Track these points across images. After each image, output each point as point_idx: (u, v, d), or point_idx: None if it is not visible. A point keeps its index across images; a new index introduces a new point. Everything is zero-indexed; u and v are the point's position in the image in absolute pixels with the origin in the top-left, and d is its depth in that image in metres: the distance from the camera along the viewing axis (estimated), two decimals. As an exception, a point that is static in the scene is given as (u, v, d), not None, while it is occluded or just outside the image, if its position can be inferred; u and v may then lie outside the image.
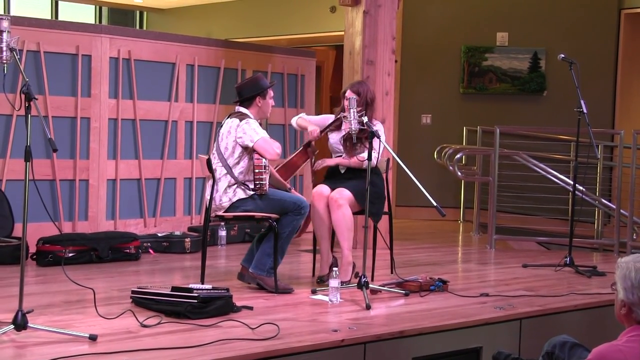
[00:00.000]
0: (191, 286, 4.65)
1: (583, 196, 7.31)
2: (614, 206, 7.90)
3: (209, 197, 5.35)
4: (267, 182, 5.30)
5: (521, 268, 6.62)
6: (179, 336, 4.12)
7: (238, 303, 4.74)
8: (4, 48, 3.96)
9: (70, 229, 6.88)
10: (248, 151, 5.29)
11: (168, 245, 7.01)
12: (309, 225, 5.80)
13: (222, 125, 5.43)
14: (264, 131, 5.33)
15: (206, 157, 5.43)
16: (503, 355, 3.65)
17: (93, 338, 3.94)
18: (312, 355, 4.02)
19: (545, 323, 5.00)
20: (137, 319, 4.37)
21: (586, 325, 5.21)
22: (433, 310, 4.93)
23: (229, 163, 5.31)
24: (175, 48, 7.60)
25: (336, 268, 5.16)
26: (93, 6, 14.28)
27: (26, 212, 4.00)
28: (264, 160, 5.23)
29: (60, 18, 13.65)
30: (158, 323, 4.34)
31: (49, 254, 6.16)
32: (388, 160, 6.04)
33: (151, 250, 6.93)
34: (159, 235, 7.10)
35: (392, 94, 7.53)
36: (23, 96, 3.96)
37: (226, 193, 5.31)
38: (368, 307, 4.86)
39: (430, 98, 10.28)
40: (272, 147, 5.24)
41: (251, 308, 4.76)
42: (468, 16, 10.19)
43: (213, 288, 4.70)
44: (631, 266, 2.90)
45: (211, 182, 5.37)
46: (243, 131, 5.26)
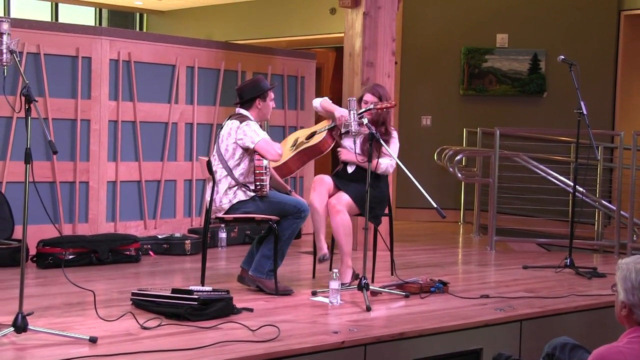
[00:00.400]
0: (191, 288, 4.66)
1: (583, 197, 7.31)
2: (614, 207, 7.91)
3: (209, 199, 5.35)
4: (268, 184, 5.31)
5: (521, 269, 6.61)
6: (179, 338, 4.12)
7: (238, 305, 4.74)
8: (4, 50, 3.97)
9: (70, 231, 6.88)
10: (249, 153, 5.29)
11: (168, 247, 7.01)
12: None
13: (223, 127, 5.43)
14: (265, 133, 5.33)
15: (206, 159, 5.43)
16: (503, 357, 3.65)
17: (93, 340, 3.94)
18: (313, 357, 4.02)
19: (545, 324, 5.00)
20: (138, 321, 4.36)
21: (586, 326, 5.21)
22: (433, 311, 4.93)
23: (230, 165, 5.31)
24: (175, 50, 7.60)
25: (336, 270, 5.16)
26: (93, 8, 14.29)
27: (26, 214, 4.00)
28: (265, 161, 5.24)
29: (60, 20, 13.67)
30: (158, 325, 4.34)
31: (49, 256, 6.16)
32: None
33: (151, 252, 6.93)
34: (159, 237, 7.10)
35: (392, 96, 7.52)
36: (23, 98, 3.97)
37: (226, 195, 5.31)
38: (368, 309, 4.86)
39: (430, 99, 10.28)
40: (274, 148, 5.25)
41: (251, 310, 4.76)
42: (468, 18, 10.19)
43: (213, 290, 4.70)
44: (631, 267, 2.90)
45: (211, 184, 5.37)
46: (243, 133, 5.26)
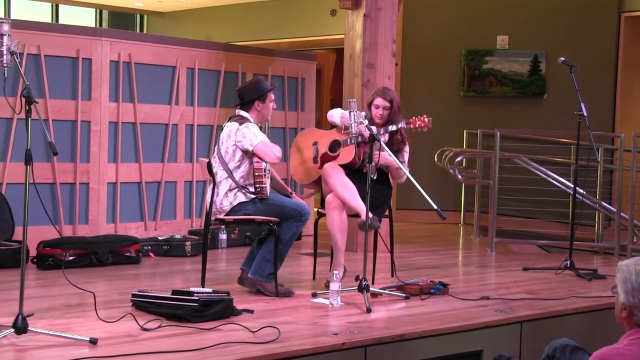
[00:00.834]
0: (192, 289, 4.65)
1: (583, 199, 7.30)
2: (615, 209, 7.91)
3: (210, 201, 5.35)
4: (268, 186, 5.30)
5: (522, 271, 6.61)
6: (180, 340, 4.12)
7: (238, 306, 4.74)
8: (5, 51, 3.97)
9: (70, 233, 6.88)
10: (248, 155, 5.29)
11: (168, 248, 7.01)
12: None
13: (223, 129, 5.42)
14: (264, 135, 5.33)
15: (206, 161, 5.43)
16: (504, 358, 3.65)
17: (93, 342, 3.94)
18: (313, 358, 4.02)
19: (545, 326, 5.00)
20: (138, 323, 4.36)
21: (587, 328, 5.21)
22: (433, 313, 4.93)
23: (230, 167, 5.31)
24: (175, 51, 7.60)
25: (336, 271, 5.15)
26: (93, 9, 14.30)
27: (26, 216, 4.00)
28: (264, 163, 5.23)
29: (60, 21, 13.68)
30: (158, 326, 4.34)
31: (50, 258, 6.16)
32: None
33: (152, 253, 6.93)
34: (160, 238, 7.10)
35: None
36: (23, 99, 3.96)
37: (227, 197, 5.30)
38: (369, 311, 4.85)
39: (430, 101, 10.27)
40: (272, 151, 5.24)
41: (252, 311, 4.75)
42: (468, 19, 10.19)
43: (213, 291, 4.70)
44: (632, 269, 2.90)
45: (212, 186, 5.37)
46: (243, 135, 5.26)
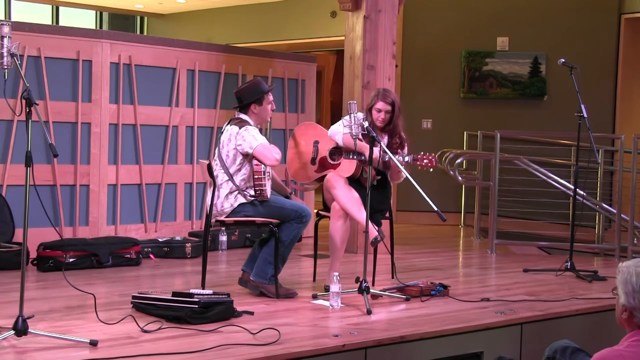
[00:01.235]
0: (192, 291, 4.66)
1: (584, 201, 7.30)
2: (615, 211, 7.90)
3: (210, 203, 5.35)
4: (269, 189, 5.30)
5: (522, 273, 6.61)
6: (180, 341, 4.12)
7: (239, 308, 4.74)
8: (5, 53, 3.97)
9: (70, 234, 6.88)
10: (249, 158, 5.29)
11: (169, 250, 7.01)
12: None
13: (223, 132, 5.42)
14: (263, 137, 5.33)
15: (207, 162, 5.43)
16: (504, 360, 3.65)
17: (94, 343, 3.94)
18: (313, 360, 4.02)
19: (546, 328, 5.00)
20: (138, 325, 4.36)
21: (587, 330, 5.21)
22: (434, 315, 4.93)
23: (231, 171, 5.31)
24: (175, 53, 7.61)
25: (337, 273, 5.15)
26: (94, 11, 14.32)
27: (27, 218, 4.00)
28: (264, 166, 5.23)
29: (60, 23, 13.69)
30: (159, 328, 4.34)
31: (50, 260, 6.16)
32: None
33: (152, 255, 6.93)
34: (160, 240, 7.10)
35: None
36: (24, 101, 3.97)
37: (227, 199, 5.30)
38: (369, 312, 4.85)
39: (430, 103, 10.28)
40: (271, 153, 5.24)
41: (252, 313, 4.75)
42: (468, 21, 10.20)
43: (214, 293, 4.70)
44: (632, 270, 2.90)
45: (212, 188, 5.37)
46: (242, 138, 5.26)
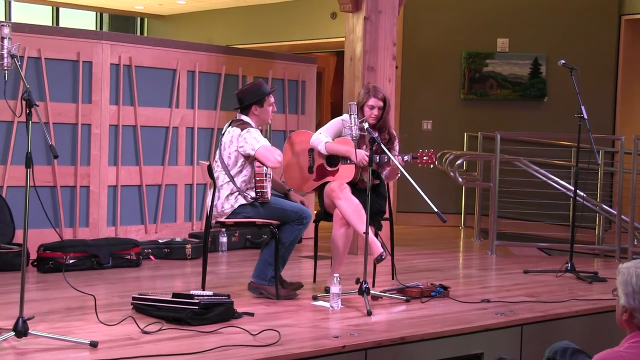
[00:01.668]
0: (192, 292, 4.65)
1: (584, 202, 7.30)
2: (615, 212, 7.90)
3: (210, 204, 5.35)
4: (269, 191, 5.30)
5: (522, 274, 6.61)
6: (180, 343, 4.11)
7: (239, 309, 4.74)
8: (5, 55, 3.97)
9: (71, 236, 6.88)
10: (250, 160, 5.29)
11: (169, 251, 7.01)
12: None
13: (224, 133, 5.42)
14: (265, 139, 5.33)
15: (207, 164, 5.43)
16: (504, 361, 3.65)
17: (94, 345, 3.94)
18: (313, 361, 4.02)
19: (546, 329, 5.00)
20: (138, 326, 4.36)
21: (587, 331, 5.20)
22: (434, 316, 4.92)
23: (232, 172, 5.31)
24: (176, 54, 7.61)
25: (337, 274, 5.15)
26: (94, 13, 14.31)
27: (27, 219, 4.00)
28: (265, 168, 5.23)
29: (61, 24, 13.69)
30: (159, 329, 4.34)
31: (50, 261, 6.16)
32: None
33: (152, 256, 6.93)
34: (160, 241, 7.10)
35: (393, 100, 7.54)
36: (24, 103, 3.97)
37: (228, 200, 5.30)
38: (369, 313, 4.85)
39: (431, 104, 10.28)
40: (273, 155, 5.24)
41: (252, 314, 4.75)
42: (468, 22, 10.20)
43: (214, 294, 4.70)
44: (632, 272, 2.90)
45: (212, 189, 5.37)
46: (244, 140, 5.26)
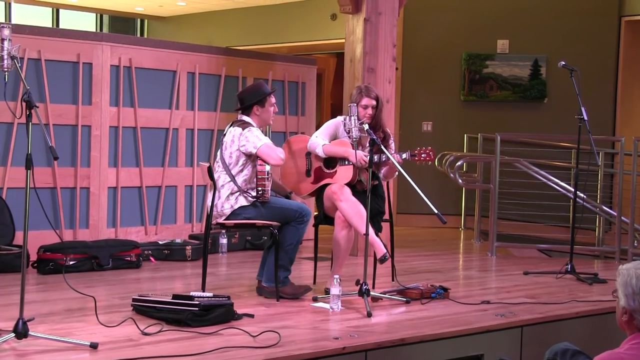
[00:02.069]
0: (192, 294, 4.65)
1: (584, 203, 7.31)
2: (615, 213, 7.90)
3: (210, 205, 5.35)
4: (270, 190, 5.31)
5: (522, 275, 6.61)
6: (180, 344, 4.11)
7: (239, 311, 4.74)
8: (5, 56, 3.97)
9: (71, 237, 6.88)
10: (252, 159, 5.30)
11: (169, 253, 7.01)
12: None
13: (225, 134, 5.43)
14: (267, 138, 5.34)
15: (207, 165, 5.43)
16: (504, 362, 3.65)
17: (94, 346, 3.94)
18: (313, 363, 4.02)
19: (546, 330, 5.00)
20: (138, 327, 4.36)
21: (588, 332, 5.20)
22: (434, 317, 4.92)
23: (233, 172, 5.31)
24: (176, 56, 7.61)
25: (337, 276, 5.15)
26: (94, 14, 14.31)
27: (27, 220, 4.00)
28: (267, 167, 5.24)
29: (61, 26, 13.69)
30: (159, 331, 4.34)
31: (50, 262, 6.16)
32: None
33: (152, 258, 6.93)
34: (160, 243, 7.10)
35: (393, 102, 7.53)
36: (24, 104, 3.97)
37: (228, 200, 5.31)
38: (369, 315, 4.85)
39: (431, 105, 10.29)
40: (276, 153, 5.26)
41: (252, 316, 4.75)
42: (469, 23, 10.20)
43: (214, 296, 4.70)
44: (632, 273, 2.90)
45: (212, 190, 5.37)
46: (246, 139, 5.27)
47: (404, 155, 5.49)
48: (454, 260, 7.78)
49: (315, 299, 5.28)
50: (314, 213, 5.90)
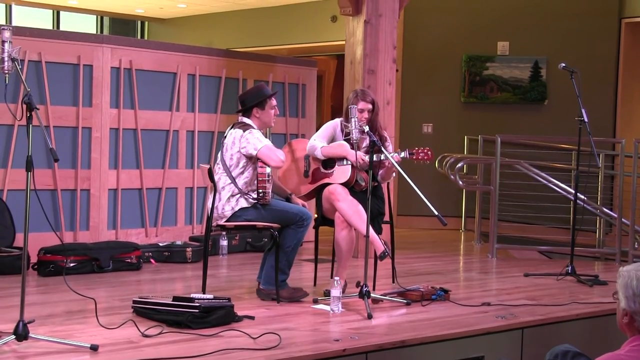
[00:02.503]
0: (192, 296, 4.65)
1: (584, 205, 7.30)
2: (616, 215, 7.90)
3: (211, 207, 5.35)
4: (270, 192, 5.31)
5: (523, 277, 6.61)
6: (180, 346, 4.11)
7: (239, 313, 4.74)
8: (6, 58, 3.98)
9: (71, 239, 6.88)
10: (252, 161, 5.30)
11: (169, 254, 7.01)
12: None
13: (226, 136, 5.43)
14: (268, 140, 5.34)
15: (207, 167, 5.43)
16: (505, 364, 3.65)
17: (94, 348, 3.94)
18: (314, 364, 4.02)
19: (547, 332, 5.00)
20: (139, 329, 4.36)
21: (588, 334, 5.20)
22: (435, 319, 4.92)
23: (233, 174, 5.31)
24: (176, 58, 7.61)
25: (337, 277, 5.15)
26: (94, 16, 14.32)
27: (27, 222, 4.00)
28: (268, 169, 5.24)
29: (61, 28, 13.69)
30: (159, 333, 4.33)
31: (50, 264, 6.16)
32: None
33: (152, 260, 6.93)
34: (161, 244, 7.10)
35: (393, 103, 7.53)
36: (24, 106, 3.97)
37: (229, 202, 5.31)
38: (370, 317, 4.85)
39: (431, 107, 10.29)
40: (276, 155, 5.26)
41: (253, 318, 4.75)
42: (469, 25, 10.21)
43: (214, 298, 4.70)
44: (632, 275, 2.89)
45: (213, 192, 5.37)
46: (247, 141, 5.28)
47: (403, 153, 5.50)
48: (455, 262, 7.77)
49: (315, 301, 5.28)
50: (314, 216, 5.90)
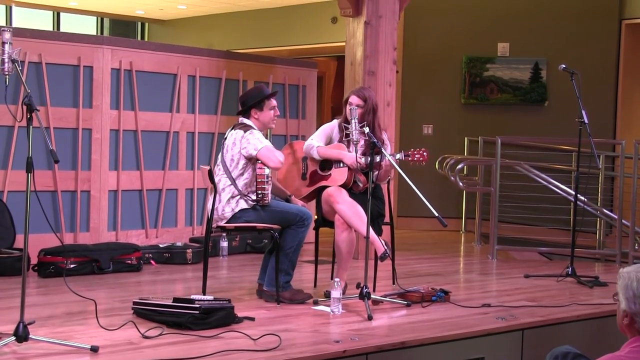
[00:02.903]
0: (193, 297, 4.66)
1: (585, 206, 7.30)
2: (616, 216, 7.90)
3: (211, 209, 5.35)
4: (270, 193, 5.31)
5: (523, 278, 6.61)
6: (181, 347, 4.11)
7: (240, 314, 4.74)
8: (6, 59, 3.97)
9: (71, 240, 6.88)
10: (252, 162, 5.30)
11: (169, 256, 7.01)
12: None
13: (227, 137, 5.43)
14: (268, 141, 5.35)
15: (208, 168, 5.43)
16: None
17: (94, 349, 3.94)
18: (314, 366, 4.01)
19: (547, 334, 5.00)
20: (139, 330, 4.36)
21: (588, 335, 5.20)
22: (435, 320, 4.92)
23: (233, 175, 5.32)
24: (176, 59, 7.61)
25: (338, 279, 5.15)
26: (95, 17, 14.33)
27: (27, 223, 4.00)
28: (267, 170, 5.24)
29: (61, 29, 13.70)
30: (160, 334, 4.33)
31: (51, 265, 6.16)
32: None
33: (153, 261, 6.93)
34: (161, 246, 7.10)
35: (394, 105, 7.54)
36: (25, 107, 3.97)
37: (229, 203, 5.31)
38: (370, 318, 4.85)
39: (431, 108, 10.29)
40: (275, 156, 5.26)
41: (253, 319, 4.75)
42: (469, 27, 10.21)
43: (215, 299, 4.70)
44: (633, 276, 2.89)
45: (213, 194, 5.37)
46: (247, 141, 5.28)
47: (398, 155, 5.50)
48: (455, 263, 7.77)
49: (315, 302, 5.28)
50: (314, 217, 5.90)
